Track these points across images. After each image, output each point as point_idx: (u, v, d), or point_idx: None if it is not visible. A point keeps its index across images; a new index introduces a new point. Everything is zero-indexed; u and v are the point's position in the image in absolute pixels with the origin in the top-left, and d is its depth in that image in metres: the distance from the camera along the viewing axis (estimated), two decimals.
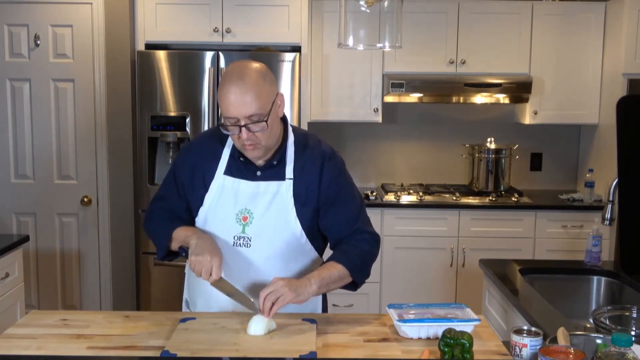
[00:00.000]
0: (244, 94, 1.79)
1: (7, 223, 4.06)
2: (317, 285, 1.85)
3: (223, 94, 1.82)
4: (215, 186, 1.98)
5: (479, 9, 4.24)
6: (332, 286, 1.92)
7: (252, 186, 1.96)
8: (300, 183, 1.96)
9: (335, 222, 1.99)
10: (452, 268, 4.13)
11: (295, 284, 1.82)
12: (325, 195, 1.97)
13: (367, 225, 2.05)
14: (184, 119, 3.91)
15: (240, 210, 1.95)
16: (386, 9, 2.30)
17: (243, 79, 1.81)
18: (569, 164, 4.69)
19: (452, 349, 1.61)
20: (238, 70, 1.84)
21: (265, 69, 1.88)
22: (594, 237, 2.68)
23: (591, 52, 4.26)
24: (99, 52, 3.97)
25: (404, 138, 4.66)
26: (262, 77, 1.84)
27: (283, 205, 1.95)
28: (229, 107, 1.81)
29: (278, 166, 1.96)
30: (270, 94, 1.86)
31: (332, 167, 1.99)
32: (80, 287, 4.14)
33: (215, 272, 1.82)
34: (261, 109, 1.82)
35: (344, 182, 2.03)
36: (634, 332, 1.82)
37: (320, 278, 1.87)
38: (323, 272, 1.90)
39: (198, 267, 1.82)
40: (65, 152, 4.04)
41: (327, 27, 4.19)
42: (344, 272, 1.92)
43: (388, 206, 4.11)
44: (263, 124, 1.83)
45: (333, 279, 1.90)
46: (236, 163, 1.98)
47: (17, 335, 1.79)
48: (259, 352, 1.66)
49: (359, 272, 1.96)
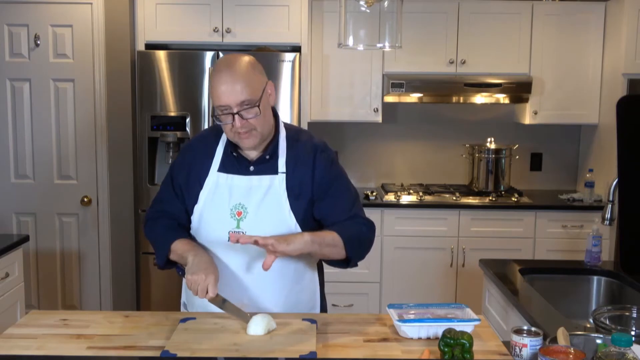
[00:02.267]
0: (234, 82, 1.84)
1: (7, 223, 4.06)
2: (309, 237, 1.84)
3: (214, 84, 1.87)
4: (210, 183, 2.00)
5: (479, 9, 4.24)
6: (325, 250, 1.90)
7: (246, 181, 1.97)
8: (294, 176, 1.97)
9: (331, 210, 1.99)
10: (452, 268, 4.13)
11: (285, 236, 1.83)
12: (319, 187, 1.98)
13: (362, 213, 2.04)
14: (184, 119, 3.91)
15: (235, 205, 1.96)
16: (386, 9, 2.30)
17: (232, 67, 1.86)
18: (569, 164, 4.69)
19: (452, 349, 1.61)
20: (227, 61, 1.89)
21: (253, 59, 1.92)
22: (594, 237, 2.68)
23: (591, 52, 4.26)
24: (99, 52, 3.97)
25: (404, 138, 4.66)
26: (251, 66, 1.89)
27: (277, 199, 1.96)
28: (221, 96, 1.85)
29: (270, 160, 1.98)
30: (260, 81, 1.90)
31: (324, 158, 2.00)
32: (80, 287, 4.14)
33: (211, 290, 1.82)
34: (252, 95, 1.85)
35: (337, 172, 2.04)
36: (634, 332, 1.82)
37: (314, 234, 1.87)
38: (317, 232, 1.90)
39: (194, 286, 1.83)
40: (65, 152, 4.04)
41: (327, 27, 4.19)
42: (338, 239, 1.91)
43: (388, 206, 4.11)
44: (256, 109, 1.86)
45: (327, 241, 1.89)
46: (229, 159, 2.00)
47: (17, 335, 1.79)
48: (259, 352, 1.66)
49: (353, 247, 1.94)
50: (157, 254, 2.04)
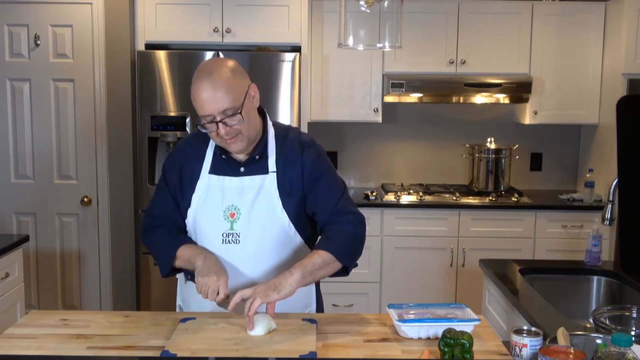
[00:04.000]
0: (215, 90, 1.82)
1: (7, 223, 4.06)
2: (299, 274, 1.81)
3: (194, 92, 1.85)
4: (202, 186, 2.00)
5: (479, 9, 4.24)
6: (319, 273, 1.87)
7: (237, 182, 1.97)
8: (284, 175, 1.97)
9: (319, 205, 1.98)
10: (452, 268, 4.13)
11: (273, 282, 1.79)
12: (308, 180, 1.98)
13: (350, 205, 2.01)
14: (184, 119, 3.91)
15: (227, 207, 1.96)
16: (386, 9, 2.30)
17: (211, 75, 1.84)
18: (569, 164, 4.69)
19: (452, 349, 1.61)
20: (206, 68, 1.88)
21: (233, 63, 1.90)
22: (594, 237, 2.68)
23: (591, 52, 4.26)
24: (99, 52, 3.97)
25: (404, 138, 4.66)
26: (230, 71, 1.86)
27: (269, 199, 1.96)
28: (203, 105, 1.84)
29: (260, 160, 1.98)
30: (241, 86, 1.88)
31: (311, 153, 2.00)
32: (80, 287, 4.14)
33: (222, 292, 1.82)
34: (234, 102, 1.84)
35: (325, 166, 2.03)
36: (634, 332, 1.82)
37: (303, 267, 1.83)
38: (305, 261, 1.86)
39: (204, 289, 1.83)
40: (65, 152, 4.04)
41: (327, 27, 4.19)
42: (328, 258, 1.88)
43: (388, 206, 4.11)
44: (238, 116, 1.86)
45: (317, 266, 1.85)
46: (220, 161, 2.00)
47: (17, 335, 1.79)
48: (259, 352, 1.66)
49: (345, 256, 1.91)
50: (160, 263, 2.03)
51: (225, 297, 1.83)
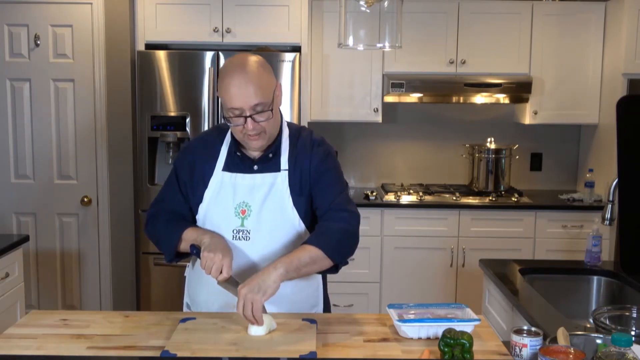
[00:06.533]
0: (247, 85, 1.83)
1: (7, 223, 4.06)
2: (283, 268, 1.78)
3: (225, 86, 1.85)
4: (214, 182, 2.00)
5: (479, 9, 4.24)
6: (305, 270, 1.84)
7: (249, 179, 1.98)
8: (295, 173, 1.98)
9: (320, 198, 1.98)
10: (452, 268, 4.13)
11: (257, 282, 1.76)
12: (313, 176, 1.98)
13: (347, 203, 1.99)
14: (184, 119, 3.91)
15: (239, 203, 1.97)
16: (386, 9, 2.30)
17: (244, 69, 1.84)
18: (569, 164, 4.69)
19: (452, 349, 1.61)
20: (238, 62, 1.88)
21: (263, 60, 1.92)
22: (594, 237, 2.68)
23: (591, 52, 4.26)
24: (99, 52, 3.97)
25: (404, 138, 4.66)
26: (262, 67, 1.88)
27: (280, 196, 1.96)
28: (233, 99, 1.84)
29: (273, 158, 1.99)
30: (271, 83, 1.90)
31: (320, 151, 2.01)
32: (80, 287, 4.14)
33: (226, 271, 1.82)
34: (264, 98, 1.85)
35: (332, 164, 2.03)
36: (634, 332, 1.82)
37: (289, 262, 1.80)
38: (292, 255, 1.83)
39: (209, 264, 1.82)
40: (65, 152, 4.04)
41: (327, 27, 4.19)
42: (317, 254, 1.85)
43: (388, 206, 4.11)
44: (268, 113, 1.87)
45: (304, 262, 1.83)
46: (233, 158, 2.00)
47: (17, 335, 1.79)
48: (259, 352, 1.66)
49: (335, 252, 1.88)
50: (164, 247, 2.03)
51: (227, 277, 1.83)
